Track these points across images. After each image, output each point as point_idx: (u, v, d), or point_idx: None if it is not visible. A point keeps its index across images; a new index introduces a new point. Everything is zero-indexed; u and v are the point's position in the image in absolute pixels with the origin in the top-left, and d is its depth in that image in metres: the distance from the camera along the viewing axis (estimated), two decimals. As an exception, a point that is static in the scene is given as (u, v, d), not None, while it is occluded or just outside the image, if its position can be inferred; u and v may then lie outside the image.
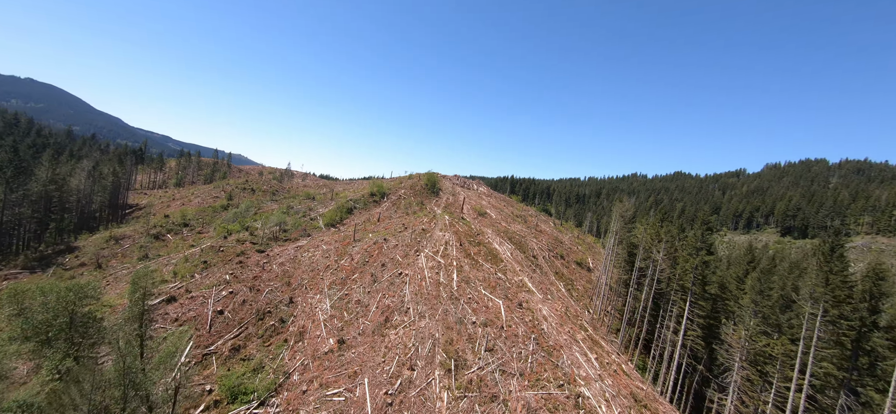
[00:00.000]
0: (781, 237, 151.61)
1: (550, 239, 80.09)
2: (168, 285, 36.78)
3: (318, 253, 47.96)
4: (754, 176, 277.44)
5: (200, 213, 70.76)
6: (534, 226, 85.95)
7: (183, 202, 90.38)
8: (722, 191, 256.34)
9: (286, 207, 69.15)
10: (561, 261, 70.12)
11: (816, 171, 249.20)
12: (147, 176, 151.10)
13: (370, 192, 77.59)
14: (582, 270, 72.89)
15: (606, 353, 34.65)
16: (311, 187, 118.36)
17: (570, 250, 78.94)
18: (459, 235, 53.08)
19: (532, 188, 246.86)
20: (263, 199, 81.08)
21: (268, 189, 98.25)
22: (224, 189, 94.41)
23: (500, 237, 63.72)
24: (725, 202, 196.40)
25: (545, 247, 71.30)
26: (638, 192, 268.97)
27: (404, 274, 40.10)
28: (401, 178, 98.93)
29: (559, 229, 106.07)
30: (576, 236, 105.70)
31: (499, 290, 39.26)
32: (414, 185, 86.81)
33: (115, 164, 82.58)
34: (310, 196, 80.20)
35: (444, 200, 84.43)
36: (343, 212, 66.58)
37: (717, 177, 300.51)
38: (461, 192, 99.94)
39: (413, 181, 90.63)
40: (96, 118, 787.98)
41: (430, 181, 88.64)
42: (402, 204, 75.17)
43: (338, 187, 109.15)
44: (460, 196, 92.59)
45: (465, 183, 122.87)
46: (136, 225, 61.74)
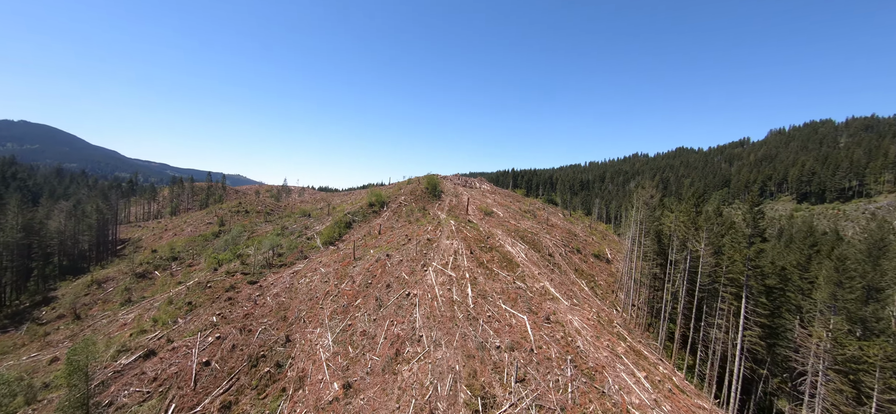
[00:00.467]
0: (798, 204, 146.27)
1: (563, 233, 75.44)
2: (147, 336, 32.41)
3: (316, 277, 43.52)
4: (760, 144, 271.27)
5: (190, 243, 66.54)
6: (544, 220, 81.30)
7: (175, 232, 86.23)
8: (728, 162, 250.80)
9: (281, 227, 64.80)
10: (578, 255, 65.48)
11: (823, 132, 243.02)
12: (141, 207, 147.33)
13: (368, 202, 73.12)
14: (601, 263, 68.26)
15: (653, 365, 30.05)
16: (308, 203, 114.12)
17: (585, 243, 74.26)
18: (468, 240, 48.57)
19: (534, 179, 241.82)
20: (257, 221, 76.80)
21: (263, 209, 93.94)
22: (217, 214, 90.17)
23: (511, 238, 59.15)
24: (734, 174, 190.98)
25: (560, 242, 66.66)
26: (642, 172, 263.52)
27: (412, 294, 35.60)
28: (400, 183, 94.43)
29: (569, 220, 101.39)
30: (588, 226, 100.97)
31: (520, 302, 34.70)
32: (414, 191, 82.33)
33: (97, 201, 78.42)
34: (306, 213, 75.80)
35: (447, 203, 79.92)
36: (341, 227, 62.14)
37: (721, 148, 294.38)
38: (464, 192, 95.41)
39: (413, 186, 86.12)
40: (92, 153, 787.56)
41: (430, 184, 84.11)
42: (404, 212, 70.69)
43: (335, 200, 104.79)
44: (463, 196, 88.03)
45: (467, 182, 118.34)
46: (120, 264, 57.60)
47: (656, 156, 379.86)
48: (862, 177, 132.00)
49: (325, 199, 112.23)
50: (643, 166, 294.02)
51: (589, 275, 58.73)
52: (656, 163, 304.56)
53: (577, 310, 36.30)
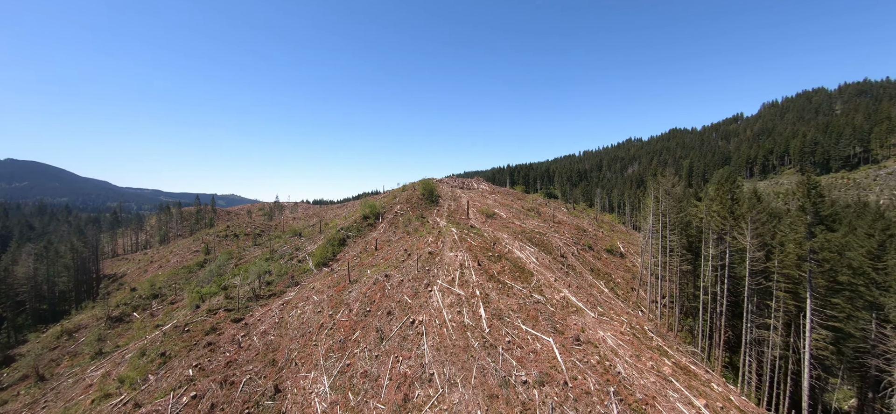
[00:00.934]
0: (803, 176, 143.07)
1: (572, 229, 71.17)
2: (110, 403, 27.62)
3: (308, 307, 38.86)
4: (755, 118, 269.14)
5: (174, 276, 61.57)
6: (550, 218, 77.00)
7: (160, 264, 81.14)
8: (725, 139, 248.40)
9: (269, 252, 60.03)
10: (591, 253, 61.19)
11: (817, 100, 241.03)
12: (129, 238, 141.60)
13: (362, 215, 68.50)
14: (614, 258, 64.03)
15: (706, 384, 25.67)
16: (300, 219, 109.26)
17: (595, 238, 70.00)
18: (474, 250, 44.12)
19: (531, 174, 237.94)
20: (246, 245, 71.90)
21: (252, 231, 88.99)
22: (204, 240, 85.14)
23: (518, 241, 54.78)
24: (733, 151, 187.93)
25: (570, 240, 62.35)
26: (639, 157, 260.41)
27: (418, 321, 31.06)
28: (394, 191, 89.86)
29: (574, 214, 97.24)
30: (594, 219, 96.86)
31: (542, 319, 30.28)
32: (410, 198, 77.80)
33: (72, 240, 73.22)
34: (296, 233, 71.04)
35: (446, 208, 75.47)
36: (334, 245, 57.49)
37: (715, 126, 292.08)
38: (462, 194, 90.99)
39: (408, 193, 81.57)
40: (82, 186, 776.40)
41: (426, 190, 79.64)
42: (401, 222, 66.14)
43: (328, 215, 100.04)
44: (462, 199, 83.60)
45: (464, 183, 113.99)
46: (96, 308, 52.66)
47: (650, 139, 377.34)
48: (866, 143, 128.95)
49: (317, 215, 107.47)
50: (639, 151, 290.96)
51: (605, 274, 54.42)
52: (651, 146, 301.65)
53: (606, 323, 31.89)
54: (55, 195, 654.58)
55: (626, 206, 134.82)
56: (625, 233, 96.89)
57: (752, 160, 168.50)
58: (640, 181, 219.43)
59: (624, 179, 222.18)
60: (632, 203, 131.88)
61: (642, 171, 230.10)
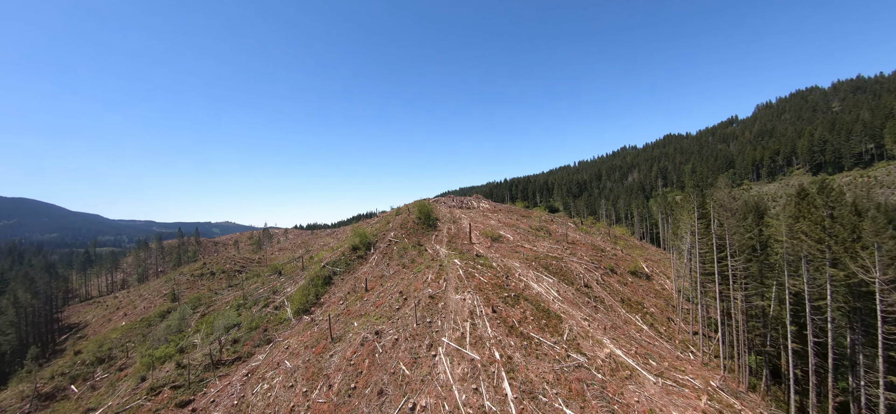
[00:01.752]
0: (814, 176, 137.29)
1: (588, 249, 63.31)
2: None
3: (277, 381, 30.22)
4: (751, 120, 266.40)
5: (129, 331, 52.46)
6: (562, 237, 69.16)
7: (126, 311, 71.80)
8: (724, 143, 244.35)
9: (242, 297, 51.33)
10: (615, 277, 53.19)
11: (813, 99, 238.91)
12: (105, 278, 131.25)
13: (351, 245, 60.25)
14: (640, 281, 56.04)
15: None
16: (287, 250, 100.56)
17: (616, 258, 62.10)
18: (484, 288, 35.99)
19: (530, 187, 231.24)
20: (219, 286, 63.09)
21: (231, 267, 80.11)
22: (176, 282, 76.05)
23: (533, 270, 46.75)
24: (736, 154, 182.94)
25: (590, 264, 54.37)
26: (637, 164, 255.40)
27: (419, 408, 22.63)
28: (387, 216, 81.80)
29: (584, 230, 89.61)
30: (606, 234, 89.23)
31: (592, 397, 21.99)
32: (404, 223, 69.77)
33: (17, 291, 63.86)
34: (277, 269, 62.42)
35: (446, 232, 67.50)
36: (318, 285, 49.00)
37: (711, 130, 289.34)
38: (462, 215, 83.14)
39: (403, 217, 73.56)
40: (73, 221, 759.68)
41: (423, 213, 71.71)
42: (395, 252, 57.95)
43: (317, 244, 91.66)
44: (463, 221, 75.70)
45: (463, 202, 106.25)
46: (21, 384, 43.22)
47: (646, 146, 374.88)
48: (879, 139, 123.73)
49: (305, 245, 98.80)
50: (636, 158, 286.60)
51: (637, 304, 46.29)
52: (649, 153, 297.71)
53: (674, 392, 23.63)
54: (44, 231, 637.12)
55: (634, 216, 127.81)
56: (640, 247, 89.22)
57: (758, 162, 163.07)
58: (642, 189, 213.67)
59: (624, 188, 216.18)
60: (639, 213, 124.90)
61: (642, 179, 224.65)
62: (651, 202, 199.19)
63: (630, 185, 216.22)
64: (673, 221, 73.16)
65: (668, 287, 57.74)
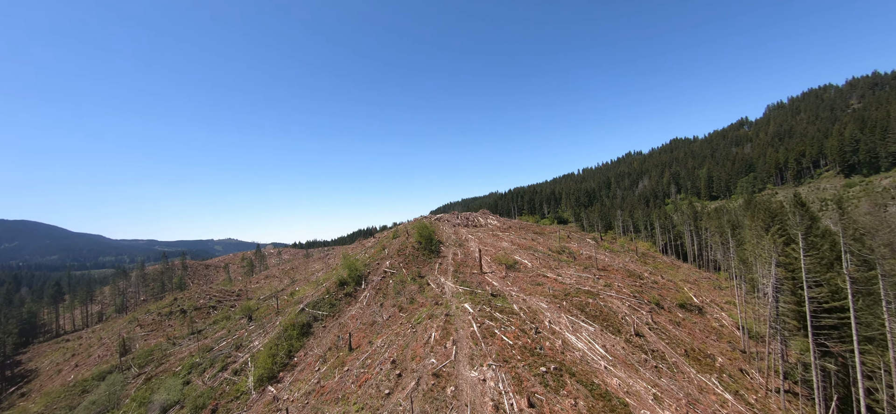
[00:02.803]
0: (848, 178, 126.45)
1: (622, 276, 52.75)
2: None
3: None
4: (764, 121, 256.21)
5: (63, 397, 42.14)
6: (589, 261, 58.65)
7: (78, 362, 61.52)
8: (736, 145, 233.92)
9: (201, 352, 40.96)
10: (664, 314, 42.59)
11: (829, 97, 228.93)
12: (83, 310, 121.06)
13: (338, 280, 50.01)
14: (692, 317, 45.35)
15: None
16: (274, 278, 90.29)
17: (658, 287, 51.50)
18: (508, 354, 25.69)
19: (536, 198, 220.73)
20: (180, 335, 52.71)
21: (206, 303, 69.87)
22: (141, 321, 65.84)
23: (566, 313, 36.37)
24: (756, 157, 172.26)
25: (632, 299, 43.77)
26: (647, 170, 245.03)
27: None
28: (383, 238, 71.63)
29: (606, 247, 79.02)
30: (633, 251, 78.59)
31: None
32: (402, 248, 59.56)
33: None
34: (248, 312, 52.07)
35: (451, 258, 57.25)
36: (292, 337, 38.70)
37: (723, 133, 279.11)
38: (468, 235, 72.85)
39: (401, 241, 63.36)
40: (74, 242, 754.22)
41: (423, 236, 61.48)
42: (391, 287, 47.68)
43: (304, 273, 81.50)
44: (470, 244, 65.41)
45: (469, 218, 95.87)
46: None
47: (652, 152, 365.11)
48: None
49: (293, 271, 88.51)
50: (645, 165, 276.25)
51: (705, 356, 35.62)
52: (657, 159, 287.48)
53: None
54: (45, 254, 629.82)
55: (655, 227, 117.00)
56: (671, 266, 78.44)
57: (781, 165, 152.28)
58: (654, 196, 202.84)
59: (636, 196, 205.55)
60: (661, 224, 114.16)
61: (654, 186, 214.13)
62: (667, 207, 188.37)
63: (642, 193, 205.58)
64: (737, 243, 62.40)
65: (725, 322, 46.97)
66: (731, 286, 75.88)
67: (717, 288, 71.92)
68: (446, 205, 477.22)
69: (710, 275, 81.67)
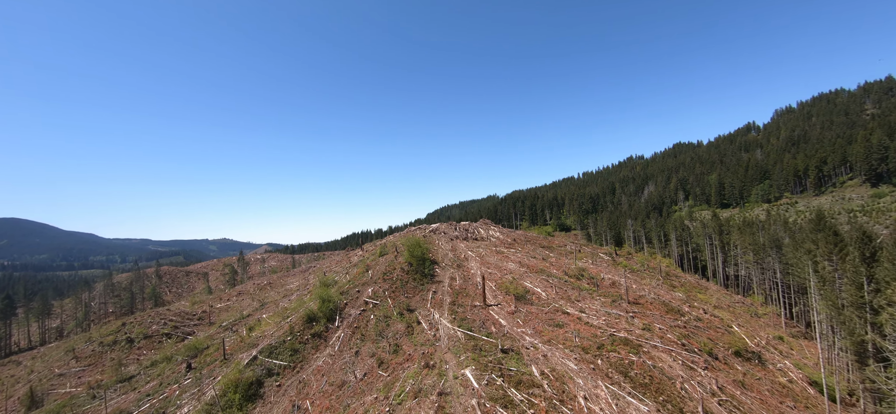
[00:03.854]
0: (875, 187, 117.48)
1: (660, 311, 42.79)
2: None
3: None
4: (773, 126, 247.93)
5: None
6: (614, 290, 48.60)
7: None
8: (744, 150, 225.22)
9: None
10: (721, 368, 32.61)
11: (842, 102, 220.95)
12: (38, 325, 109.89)
13: (306, 316, 39.82)
14: (754, 369, 35.45)
15: None
16: (247, 295, 79.77)
17: (705, 327, 41.54)
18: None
19: (538, 203, 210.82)
20: (108, 383, 42.19)
21: (159, 328, 59.41)
22: (78, 352, 55.31)
23: (606, 382, 26.45)
24: (771, 163, 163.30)
25: (682, 351, 33.73)
26: (653, 176, 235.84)
27: None
28: (366, 258, 61.39)
29: (624, 264, 69.21)
30: (657, 272, 68.73)
31: None
32: (388, 271, 49.41)
33: None
34: (193, 352, 41.72)
35: (447, 283, 47.21)
36: (234, 404, 28.48)
37: (730, 137, 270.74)
38: (468, 252, 62.78)
39: (388, 261, 53.19)
40: (65, 240, 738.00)
41: (414, 255, 51.23)
42: (371, 327, 37.61)
43: (280, 290, 71.19)
44: (470, 264, 55.37)
45: (469, 230, 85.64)
46: None
47: (655, 156, 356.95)
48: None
49: (263, 293, 77.94)
50: (649, 170, 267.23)
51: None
52: (661, 163, 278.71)
53: None
54: (34, 252, 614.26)
55: (670, 239, 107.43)
56: (698, 287, 68.78)
57: (800, 172, 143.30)
58: (662, 203, 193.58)
59: (643, 203, 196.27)
60: (678, 236, 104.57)
61: (661, 192, 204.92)
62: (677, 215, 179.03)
63: (649, 199, 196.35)
64: (783, 268, 52.80)
65: (793, 376, 37.13)
66: (769, 313, 66.42)
67: (754, 315, 62.33)
68: (443, 207, 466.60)
69: (742, 298, 72.14)
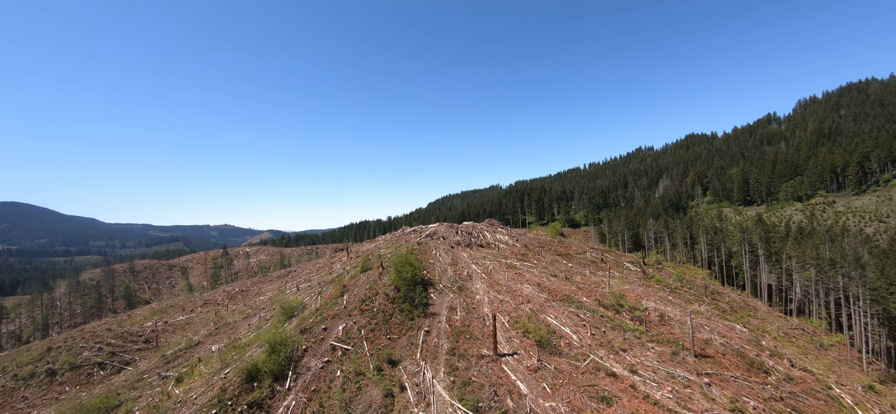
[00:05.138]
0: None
1: (744, 374, 31.05)
2: None
3: None
4: (797, 117, 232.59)
5: None
6: (674, 334, 36.74)
7: None
8: (767, 143, 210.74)
9: None
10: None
11: (876, 92, 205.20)
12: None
13: (246, 373, 28.25)
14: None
15: None
16: (210, 308, 68.67)
17: (801, 393, 29.82)
18: None
19: (545, 196, 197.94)
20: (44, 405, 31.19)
21: (92, 353, 48.50)
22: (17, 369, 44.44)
23: None
24: (803, 158, 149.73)
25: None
26: (667, 169, 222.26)
27: None
28: (343, 276, 49.67)
29: (657, 281, 57.36)
30: (702, 291, 56.68)
31: None
32: (371, 294, 37.80)
33: None
34: (109, 407, 30.54)
35: (445, 318, 35.61)
36: None
37: (749, 129, 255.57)
38: (472, 267, 50.97)
39: (370, 281, 41.52)
40: (65, 225, 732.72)
41: (404, 277, 39.33)
42: (335, 393, 26.20)
43: (243, 307, 60.02)
44: (475, 286, 43.62)
45: (473, 235, 73.34)
46: None
47: (666, 148, 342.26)
48: None
49: (232, 300, 66.76)
50: (660, 162, 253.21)
51: None
52: (674, 155, 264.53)
53: None
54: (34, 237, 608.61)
55: (699, 242, 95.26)
56: (745, 307, 57.00)
57: (838, 168, 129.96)
58: (678, 198, 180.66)
59: (658, 199, 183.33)
60: (709, 240, 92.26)
61: (677, 187, 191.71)
62: (692, 213, 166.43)
63: (665, 195, 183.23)
64: (873, 298, 40.94)
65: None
66: (836, 343, 54.89)
67: (820, 347, 50.71)
68: (445, 197, 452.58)
69: (800, 324, 60.40)
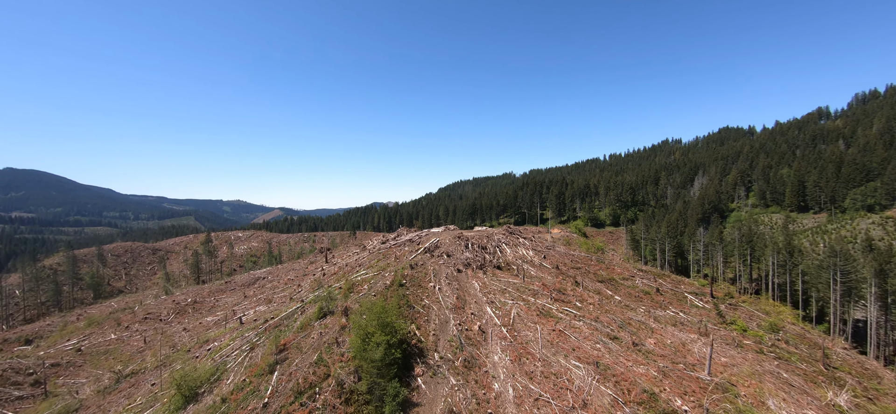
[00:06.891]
0: None
1: None
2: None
3: None
4: (857, 112, 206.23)
5: None
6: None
7: None
8: (818, 141, 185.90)
9: None
10: None
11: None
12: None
13: None
14: None
15: None
16: (152, 325, 54.69)
17: None
18: None
19: (568, 191, 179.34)
20: None
21: None
22: None
23: None
24: (877, 163, 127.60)
25: None
26: (703, 164, 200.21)
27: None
28: (293, 316, 34.14)
29: (739, 328, 40.47)
30: (818, 356, 39.49)
31: None
32: (314, 383, 22.32)
33: None
34: None
35: (444, 402, 19.83)
36: None
37: (797, 123, 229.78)
38: (485, 311, 34.98)
39: (323, 345, 25.98)
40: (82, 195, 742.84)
41: (372, 357, 23.44)
42: None
43: (166, 345, 45.18)
44: (491, 358, 27.64)
45: (486, 249, 56.60)
46: None
47: (696, 141, 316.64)
48: None
49: (176, 318, 52.56)
50: (693, 156, 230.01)
51: None
52: (709, 151, 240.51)
53: None
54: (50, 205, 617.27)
55: (767, 261, 76.94)
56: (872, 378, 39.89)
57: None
58: (718, 200, 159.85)
59: (697, 200, 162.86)
60: (778, 261, 73.97)
61: (717, 187, 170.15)
62: (733, 216, 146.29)
63: (703, 195, 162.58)
64: None
65: None
66: None
67: None
68: (456, 183, 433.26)
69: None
